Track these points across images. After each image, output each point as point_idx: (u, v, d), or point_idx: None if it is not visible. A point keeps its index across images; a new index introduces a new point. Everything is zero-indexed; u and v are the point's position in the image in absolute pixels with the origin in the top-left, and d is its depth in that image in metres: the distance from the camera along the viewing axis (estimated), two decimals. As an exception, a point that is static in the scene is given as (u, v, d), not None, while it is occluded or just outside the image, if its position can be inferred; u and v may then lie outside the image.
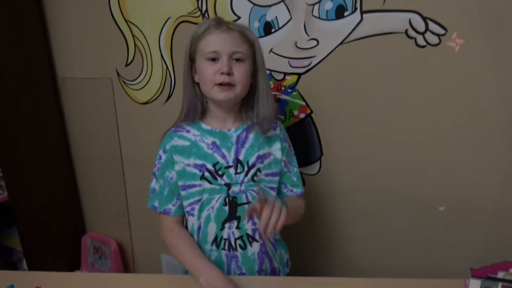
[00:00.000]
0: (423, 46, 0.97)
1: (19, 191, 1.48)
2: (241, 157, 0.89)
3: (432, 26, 0.95)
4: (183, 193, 0.91)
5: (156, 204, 0.93)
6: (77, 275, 0.95)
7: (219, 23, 0.85)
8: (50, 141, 1.58)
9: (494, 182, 1.00)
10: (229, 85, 0.84)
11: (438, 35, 0.95)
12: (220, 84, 0.83)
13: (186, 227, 0.95)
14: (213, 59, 0.84)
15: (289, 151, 0.98)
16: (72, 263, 1.74)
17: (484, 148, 0.99)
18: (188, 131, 0.91)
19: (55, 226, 1.64)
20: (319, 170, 1.20)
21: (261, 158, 0.91)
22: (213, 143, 0.89)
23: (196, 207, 0.90)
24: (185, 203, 0.91)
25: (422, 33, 0.97)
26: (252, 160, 0.90)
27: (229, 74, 0.83)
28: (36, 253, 1.56)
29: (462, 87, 0.97)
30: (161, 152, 0.92)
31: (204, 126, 0.91)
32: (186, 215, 0.93)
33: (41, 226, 1.58)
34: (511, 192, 0.99)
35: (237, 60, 0.84)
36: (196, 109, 0.91)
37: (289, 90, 1.17)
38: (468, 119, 0.98)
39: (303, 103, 1.16)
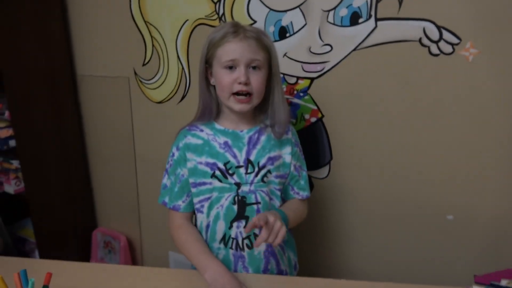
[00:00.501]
0: (436, 55, 0.98)
1: (35, 184, 1.52)
2: (252, 158, 0.91)
3: (446, 35, 0.96)
4: (193, 190, 0.93)
5: (167, 199, 0.95)
6: (86, 265, 0.98)
7: (236, 31, 0.85)
8: (67, 137, 1.63)
9: (502, 191, 0.99)
10: (246, 96, 0.86)
11: (452, 44, 0.96)
12: (237, 94, 0.86)
13: (195, 225, 0.97)
14: (230, 67, 0.85)
15: (299, 155, 1.00)
16: (82, 256, 1.77)
17: (494, 157, 0.98)
18: (201, 130, 0.93)
19: (67, 219, 1.68)
20: (328, 174, 1.21)
21: (271, 160, 0.92)
22: (225, 143, 0.91)
23: (206, 204, 0.92)
24: (195, 200, 0.93)
25: (436, 42, 0.97)
26: (262, 161, 0.91)
27: (247, 83, 0.85)
28: (48, 245, 1.60)
29: (475, 96, 0.97)
30: (174, 149, 0.94)
31: (217, 126, 0.93)
32: (196, 212, 0.95)
33: (54, 219, 1.62)
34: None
35: (254, 68, 0.86)
36: (212, 111, 0.93)
37: (301, 94, 1.18)
38: (479, 128, 0.98)
39: (315, 107, 1.17)
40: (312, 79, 1.15)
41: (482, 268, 1.02)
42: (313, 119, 1.19)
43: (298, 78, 1.17)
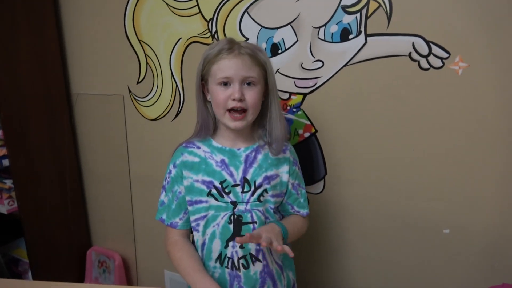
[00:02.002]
0: (426, 69, 0.99)
1: (28, 203, 1.51)
2: (248, 177, 0.91)
3: (435, 49, 0.97)
4: (190, 208, 0.92)
5: (164, 216, 0.95)
6: (81, 286, 0.96)
7: (231, 47, 0.86)
8: (61, 155, 1.62)
9: (495, 206, 0.99)
10: (241, 112, 0.86)
11: (441, 58, 0.97)
12: (232, 110, 0.86)
13: (193, 242, 0.96)
14: (225, 84, 0.86)
15: (298, 173, 0.99)
16: (76, 276, 1.75)
17: (488, 172, 0.98)
18: (198, 148, 0.93)
19: (61, 239, 1.66)
20: (323, 189, 1.21)
21: (268, 179, 0.92)
22: (222, 161, 0.91)
23: (202, 223, 0.91)
24: (191, 218, 0.93)
25: (426, 56, 0.98)
26: (259, 180, 0.91)
27: (241, 100, 0.85)
28: (41, 265, 1.57)
29: (466, 110, 0.97)
30: (171, 167, 0.94)
31: (214, 143, 0.93)
32: (192, 230, 0.94)
33: (48, 238, 1.60)
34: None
35: (249, 84, 0.86)
36: (209, 127, 0.93)
37: (294, 109, 1.19)
38: (471, 141, 0.98)
39: (308, 122, 1.18)
40: (304, 95, 1.16)
41: (479, 283, 1.01)
42: (307, 134, 1.19)
43: (290, 93, 1.18)
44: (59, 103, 1.60)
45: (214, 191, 0.89)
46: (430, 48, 0.97)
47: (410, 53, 1.00)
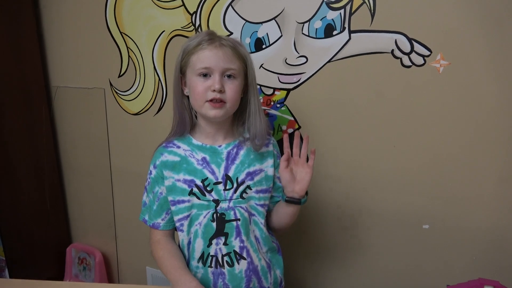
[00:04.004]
0: (408, 66, 1.00)
1: (5, 198, 1.46)
2: (230, 174, 0.90)
3: (417, 47, 0.98)
4: (172, 208, 0.91)
5: (147, 217, 0.94)
6: (60, 284, 0.94)
7: (212, 38, 0.84)
8: (40, 150, 1.58)
9: (477, 201, 1.01)
10: (220, 102, 0.84)
11: (423, 56, 0.98)
12: (211, 101, 0.84)
13: (178, 243, 0.95)
14: (205, 75, 0.84)
15: None
16: (56, 274, 1.71)
17: (467, 168, 1.00)
18: (178, 147, 0.92)
19: (40, 235, 1.62)
20: (306, 185, 1.21)
21: (251, 175, 0.91)
22: (203, 159, 0.90)
23: (185, 222, 0.90)
24: (175, 218, 0.91)
25: (408, 54, 0.99)
26: (241, 177, 0.90)
27: (221, 91, 0.83)
28: (19, 263, 1.53)
29: (446, 107, 0.99)
30: (151, 167, 0.93)
31: (194, 141, 0.92)
32: (177, 230, 0.93)
33: (26, 235, 1.56)
34: (490, 213, 1.00)
35: (229, 76, 0.85)
36: (185, 122, 0.91)
37: (278, 105, 1.18)
38: (451, 138, 1.00)
39: (292, 118, 1.18)
40: (288, 90, 1.16)
41: (456, 278, 1.03)
42: (290, 130, 1.19)
43: (274, 89, 1.17)
44: (37, 96, 1.55)
45: (195, 189, 0.88)
46: (412, 46, 0.98)
47: (392, 50, 1.00)
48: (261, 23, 1.13)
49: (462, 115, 0.98)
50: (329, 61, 1.08)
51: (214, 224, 0.89)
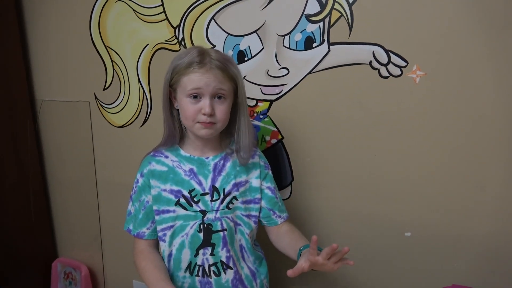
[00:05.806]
0: (386, 77, 1.02)
1: (-11, 213, 1.45)
2: (217, 185, 0.91)
3: (394, 58, 1.00)
4: (156, 217, 0.91)
5: (131, 227, 0.94)
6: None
7: (202, 60, 0.83)
8: (25, 163, 1.57)
9: (457, 208, 1.03)
10: (210, 123, 0.86)
11: (400, 67, 1.00)
12: (202, 122, 0.85)
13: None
14: (195, 96, 0.85)
15: (272, 177, 1.00)
16: (41, 289, 1.69)
17: (446, 176, 1.02)
18: (166, 157, 0.93)
19: (25, 249, 1.59)
20: (290, 195, 1.22)
21: (237, 186, 0.92)
22: (191, 170, 0.91)
23: (168, 233, 0.91)
24: (158, 227, 0.92)
25: (385, 65, 1.02)
26: (228, 188, 0.91)
27: (211, 115, 0.85)
28: (3, 278, 1.51)
29: (423, 116, 1.01)
30: (138, 176, 0.93)
31: (183, 152, 0.93)
32: (159, 240, 0.93)
33: (10, 249, 1.54)
34: (468, 221, 1.02)
35: (219, 97, 0.86)
36: (175, 135, 0.92)
37: (261, 116, 1.20)
38: (429, 146, 1.02)
39: (275, 129, 1.19)
40: (271, 102, 1.17)
41: (432, 284, 1.04)
42: (274, 141, 1.20)
43: (257, 100, 1.19)
44: (22, 110, 1.55)
45: (182, 200, 0.89)
46: (389, 57, 1.01)
47: (370, 62, 1.03)
48: (243, 36, 1.15)
49: (439, 124, 1.00)
50: (309, 73, 1.10)
51: (201, 234, 0.89)
